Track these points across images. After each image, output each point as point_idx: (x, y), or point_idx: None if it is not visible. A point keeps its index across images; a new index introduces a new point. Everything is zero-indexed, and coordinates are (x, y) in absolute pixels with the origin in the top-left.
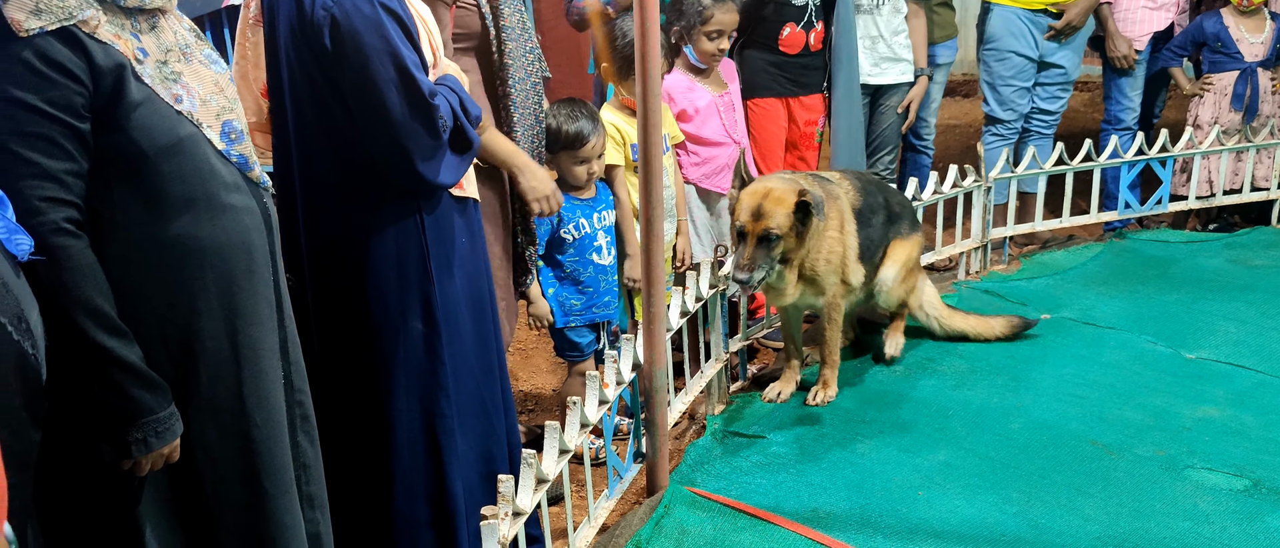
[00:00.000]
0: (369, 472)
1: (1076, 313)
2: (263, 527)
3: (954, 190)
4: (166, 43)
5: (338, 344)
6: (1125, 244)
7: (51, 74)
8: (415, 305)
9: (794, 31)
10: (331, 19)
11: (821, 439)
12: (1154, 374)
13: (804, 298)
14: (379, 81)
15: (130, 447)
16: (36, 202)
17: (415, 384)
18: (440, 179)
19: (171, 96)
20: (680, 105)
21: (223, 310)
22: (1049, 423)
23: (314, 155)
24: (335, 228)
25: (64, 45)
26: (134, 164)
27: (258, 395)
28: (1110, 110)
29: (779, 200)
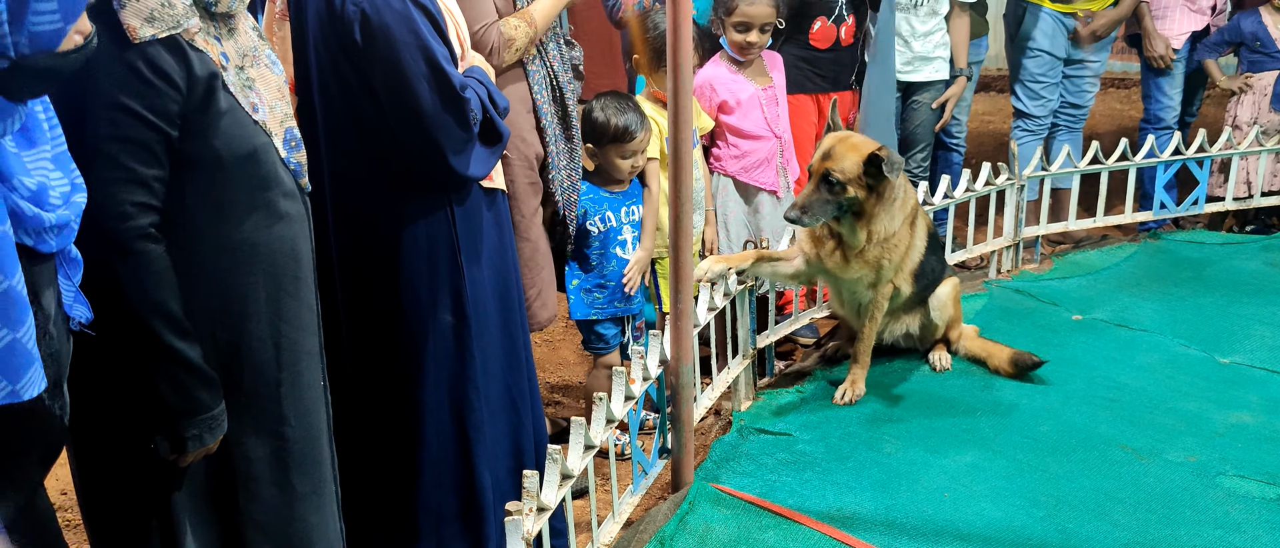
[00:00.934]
0: (397, 464)
1: (1109, 315)
2: (291, 523)
3: (986, 188)
4: (242, 46)
5: (367, 337)
6: (1160, 245)
7: (156, 82)
8: (445, 298)
9: (825, 26)
10: (362, 13)
11: (848, 438)
12: (1187, 378)
13: (859, 279)
14: (410, 75)
15: (186, 442)
16: (127, 206)
17: (444, 377)
18: (470, 172)
19: (249, 105)
20: (722, 96)
21: (269, 314)
22: (1078, 426)
23: (343, 150)
24: (365, 221)
25: (170, 53)
26: (211, 171)
27: (294, 397)
28: (1150, 109)
29: (853, 147)
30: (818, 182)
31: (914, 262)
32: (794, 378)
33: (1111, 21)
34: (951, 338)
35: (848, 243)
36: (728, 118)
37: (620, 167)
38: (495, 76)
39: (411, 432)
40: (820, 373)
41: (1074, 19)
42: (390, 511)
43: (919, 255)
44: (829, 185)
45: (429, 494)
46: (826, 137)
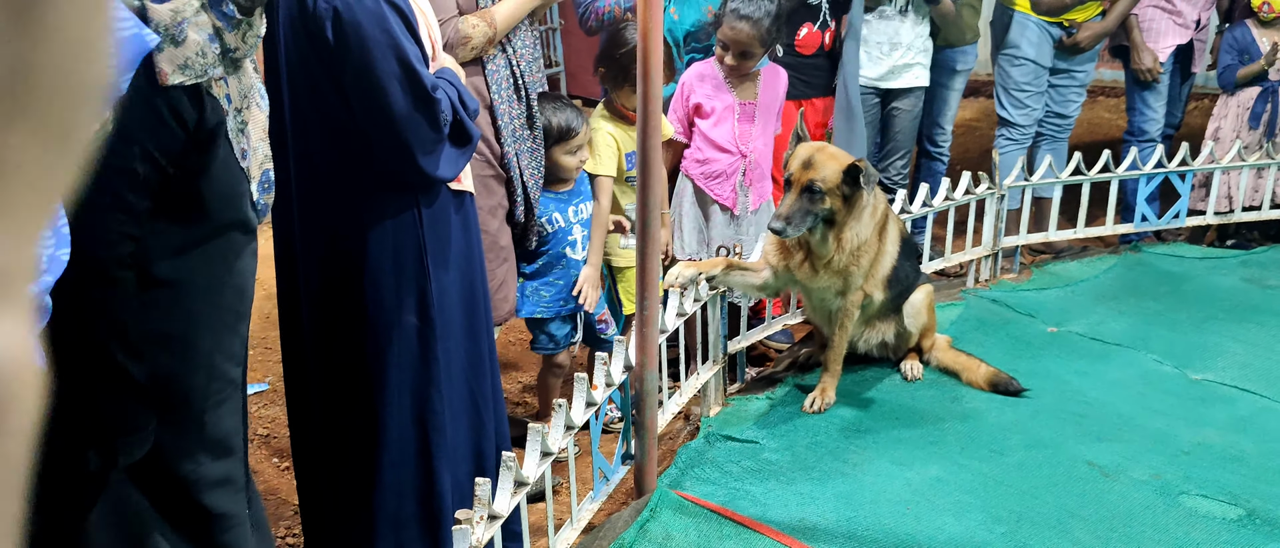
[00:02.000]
0: (357, 465)
1: (1084, 328)
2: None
3: (966, 197)
4: (243, 86)
5: (330, 337)
6: (1140, 257)
7: (172, 125)
8: (411, 300)
9: (811, 32)
10: (334, 11)
11: (815, 447)
12: (1157, 395)
13: (828, 288)
14: (381, 75)
15: (117, 455)
16: (115, 234)
17: (408, 380)
18: (440, 173)
19: (239, 151)
20: (698, 99)
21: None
22: (1046, 441)
23: (311, 149)
24: (331, 221)
25: (190, 100)
26: (188, 209)
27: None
28: (1134, 121)
29: (833, 157)
30: (799, 191)
31: (885, 269)
32: (765, 384)
33: (1097, 35)
34: (924, 347)
35: (817, 253)
36: (700, 122)
37: (567, 164)
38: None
39: (372, 433)
40: (792, 379)
41: (1061, 28)
42: (349, 512)
43: (891, 262)
44: (810, 195)
45: (388, 497)
46: (801, 147)
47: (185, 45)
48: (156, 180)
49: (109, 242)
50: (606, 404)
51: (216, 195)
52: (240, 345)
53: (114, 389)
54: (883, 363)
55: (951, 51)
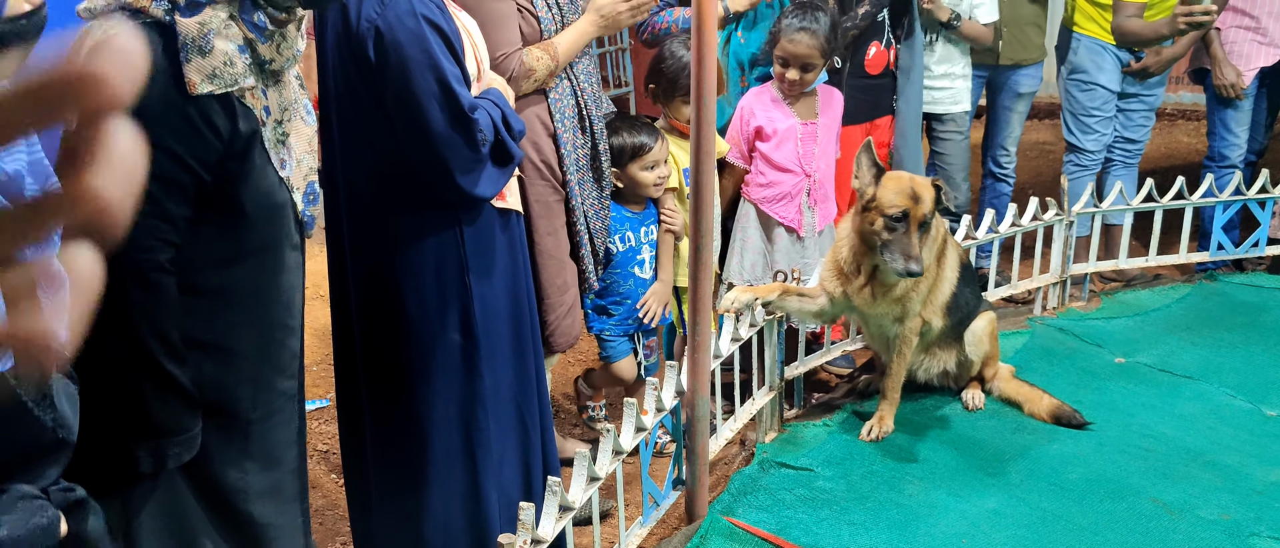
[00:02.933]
0: (404, 481)
1: (1154, 359)
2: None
3: (1034, 224)
4: (285, 99)
5: (378, 353)
6: (1215, 287)
7: (205, 132)
8: (454, 316)
9: (879, 51)
10: (376, 31)
11: (870, 476)
12: (1229, 431)
13: (886, 315)
14: (420, 94)
15: (167, 458)
16: (152, 240)
17: (453, 395)
18: (479, 191)
19: (278, 162)
20: (759, 122)
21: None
22: (1109, 476)
23: (357, 166)
24: (376, 238)
25: (222, 108)
26: (229, 218)
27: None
28: (1214, 146)
29: (925, 187)
30: (915, 227)
31: (945, 294)
32: (823, 410)
33: (1165, 61)
34: (986, 376)
35: (884, 280)
36: (762, 146)
37: (645, 180)
38: (514, 101)
39: (419, 448)
40: (850, 406)
41: (1129, 52)
42: (397, 527)
43: (950, 288)
44: (923, 229)
45: (436, 511)
46: (890, 178)
47: (212, 55)
48: (194, 187)
49: (147, 247)
50: (657, 429)
51: (257, 205)
52: (290, 358)
53: (160, 391)
54: (943, 392)
55: (1015, 72)
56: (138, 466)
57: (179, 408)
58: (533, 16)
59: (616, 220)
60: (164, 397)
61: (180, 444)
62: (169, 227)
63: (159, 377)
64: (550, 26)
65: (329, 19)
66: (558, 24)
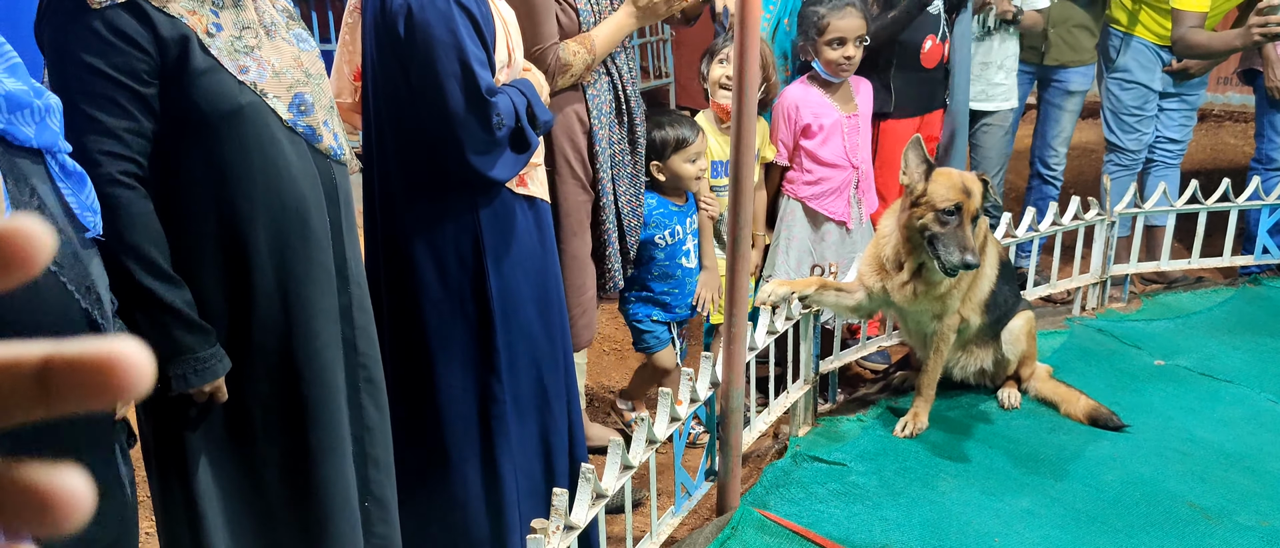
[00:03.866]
0: (423, 450)
1: (1194, 362)
2: (306, 475)
3: (1075, 223)
4: (246, 20)
5: (401, 332)
6: (1259, 291)
7: (117, 42)
8: (468, 291)
9: (934, 43)
10: (407, 9)
11: (903, 473)
12: (1270, 437)
13: (924, 311)
14: (441, 73)
15: (170, 381)
16: (96, 154)
17: (470, 368)
18: (494, 173)
19: (237, 68)
20: (806, 120)
21: (275, 270)
22: (1145, 478)
23: (387, 146)
24: (401, 213)
25: (131, 16)
26: (196, 128)
27: (307, 353)
28: (1262, 148)
29: (974, 181)
30: (967, 220)
31: (983, 292)
32: (857, 405)
33: (1207, 64)
34: (1023, 375)
35: (929, 277)
36: (807, 142)
37: (688, 172)
38: (549, 97)
39: (435, 426)
40: (884, 402)
41: (1170, 52)
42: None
43: (989, 285)
44: (974, 222)
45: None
46: (940, 173)
47: None
48: (131, 100)
49: (92, 162)
50: (691, 420)
51: (217, 110)
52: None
53: (146, 311)
54: (979, 390)
55: (1066, 72)
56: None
57: (172, 326)
58: (572, 9)
59: (663, 216)
60: (152, 315)
61: (184, 366)
62: (111, 139)
63: (141, 295)
64: (589, 19)
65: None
66: (596, 16)
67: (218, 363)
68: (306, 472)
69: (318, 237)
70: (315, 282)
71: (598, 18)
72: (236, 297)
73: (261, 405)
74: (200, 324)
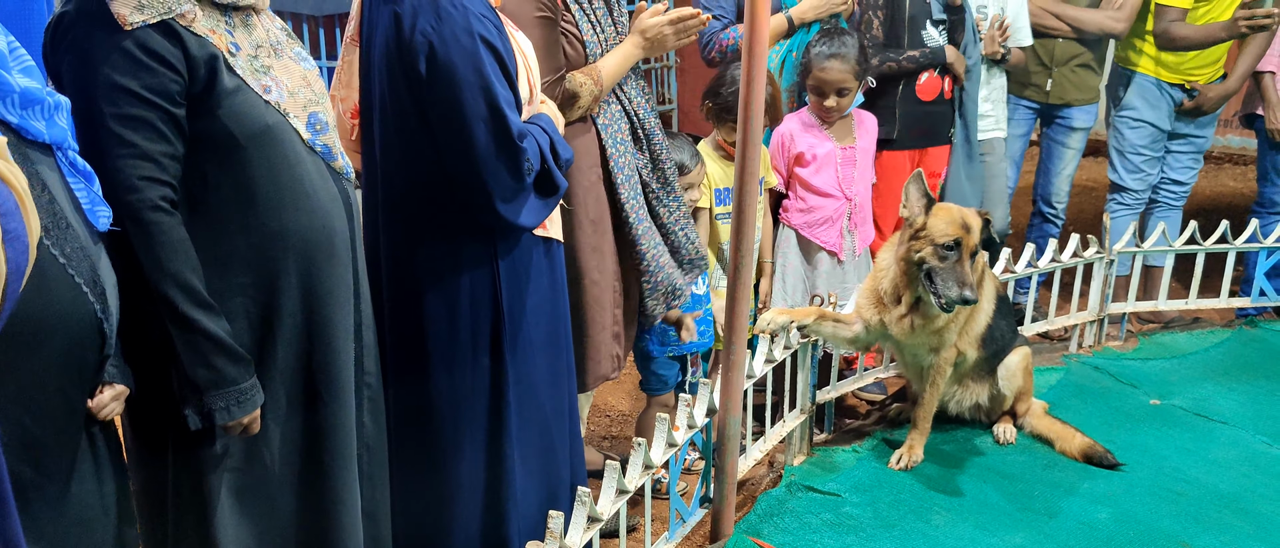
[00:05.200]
0: (429, 497)
1: (1189, 403)
2: (320, 496)
3: (1074, 260)
4: (258, 39)
5: (408, 367)
6: (1255, 333)
7: (150, 63)
8: (484, 342)
9: (931, 78)
10: (429, 45)
11: (898, 505)
12: (1264, 479)
13: (922, 344)
14: (468, 115)
15: (213, 414)
16: (135, 179)
17: (480, 419)
18: (521, 221)
19: (261, 87)
20: (799, 148)
21: (301, 291)
22: (1139, 518)
23: (397, 180)
24: (413, 254)
25: (163, 36)
26: (225, 150)
27: (327, 374)
28: (1264, 191)
29: (975, 217)
30: (966, 256)
31: (980, 326)
32: (853, 436)
33: (1220, 96)
34: (1019, 411)
35: (926, 311)
36: (801, 171)
37: None
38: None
39: (444, 470)
40: (880, 434)
41: (1182, 91)
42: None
43: (986, 319)
44: (973, 258)
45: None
46: (940, 208)
47: None
48: (166, 121)
49: (131, 187)
50: (687, 447)
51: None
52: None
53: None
54: (974, 425)
55: (1070, 110)
56: (186, 424)
57: (214, 357)
58: (578, 41)
59: None
60: (194, 345)
61: (226, 398)
62: (149, 164)
63: (182, 324)
64: (595, 50)
65: (379, 24)
66: (602, 47)
67: (257, 393)
68: (320, 492)
69: (341, 256)
70: (338, 301)
71: (603, 48)
72: (263, 319)
73: (280, 428)
74: (242, 354)
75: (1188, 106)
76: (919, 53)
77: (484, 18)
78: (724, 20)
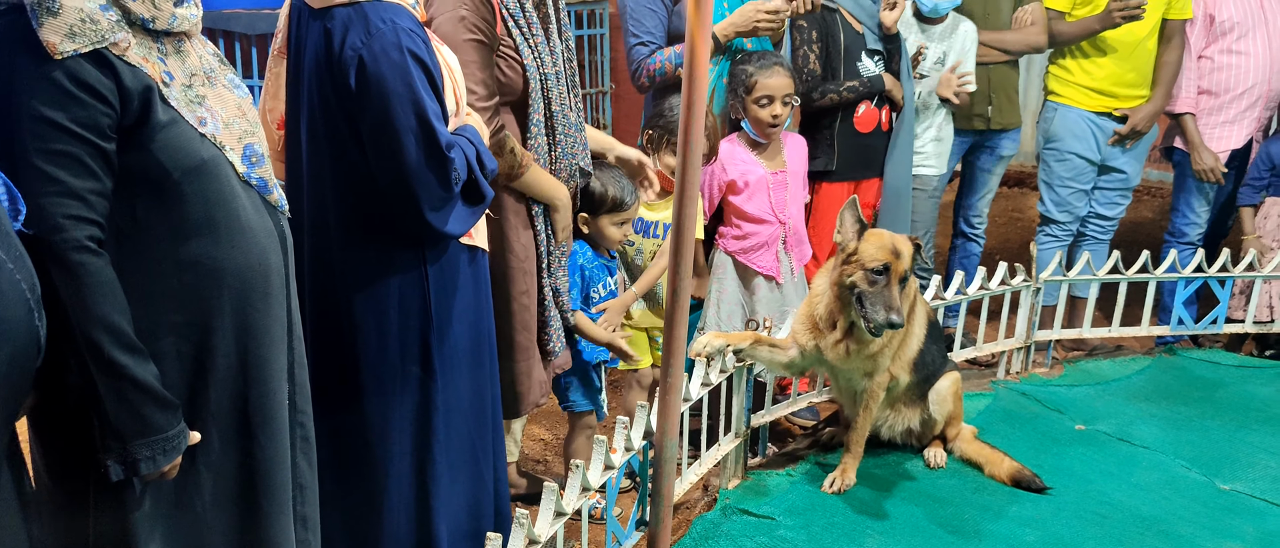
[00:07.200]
0: (356, 511)
1: (1113, 428)
2: (254, 540)
3: (1001, 288)
4: (191, 66)
5: (335, 383)
6: (1175, 361)
7: (81, 95)
8: (413, 351)
9: (869, 109)
10: (359, 59)
11: (831, 528)
12: (1183, 502)
13: (856, 369)
14: (398, 127)
15: (139, 463)
16: (60, 219)
17: (408, 429)
18: (448, 229)
19: (196, 119)
20: (732, 176)
21: (236, 330)
22: (1066, 540)
23: (325, 192)
24: (340, 266)
25: (95, 67)
26: (158, 185)
27: (263, 414)
28: (1176, 223)
29: (905, 244)
30: (895, 281)
31: (913, 350)
32: (786, 460)
33: (1150, 115)
34: (949, 436)
35: (861, 337)
36: (734, 199)
37: (613, 236)
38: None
39: (371, 481)
40: (813, 458)
41: (1110, 119)
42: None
43: (918, 343)
44: (902, 284)
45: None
46: (872, 234)
47: (63, 13)
48: (95, 157)
49: (56, 226)
50: (623, 471)
51: (180, 166)
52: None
53: (115, 386)
54: (906, 449)
55: (998, 136)
56: (108, 475)
57: (142, 404)
58: (517, 63)
59: (598, 270)
60: (121, 392)
61: (152, 447)
62: (76, 202)
63: (109, 370)
64: (534, 73)
65: (308, 38)
66: (541, 70)
67: (183, 439)
68: (254, 537)
69: (276, 294)
70: (272, 340)
71: (543, 72)
72: (196, 359)
73: (213, 472)
74: (170, 400)
75: (1123, 132)
76: (857, 83)
77: (412, 32)
78: (652, 45)
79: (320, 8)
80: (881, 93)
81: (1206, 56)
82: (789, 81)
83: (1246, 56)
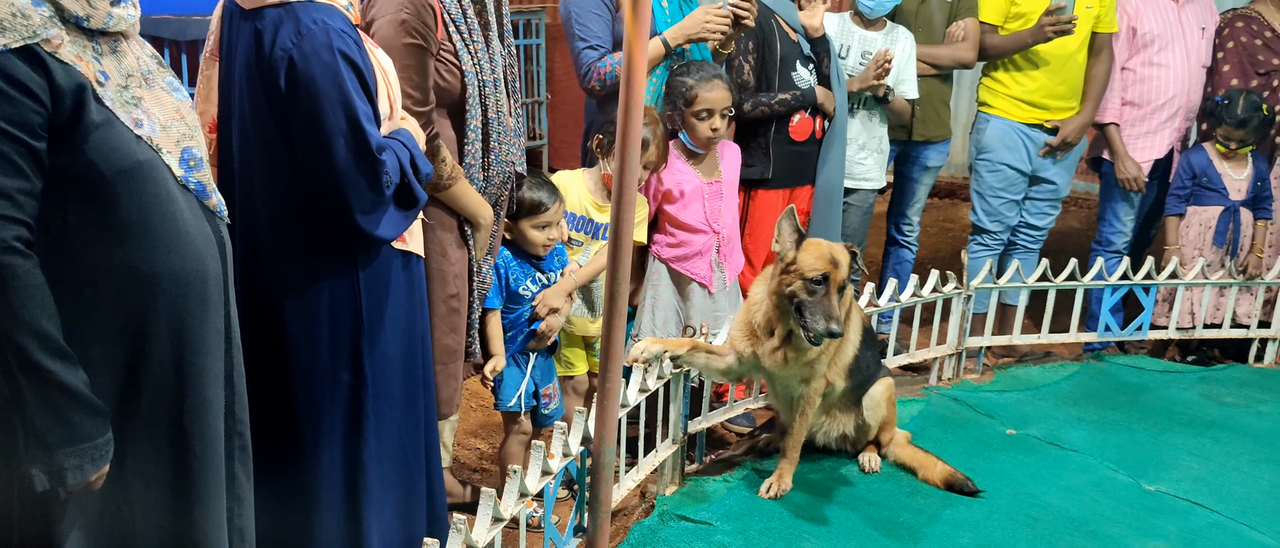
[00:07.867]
0: (288, 519)
1: (1042, 432)
2: None
3: (933, 295)
4: (128, 67)
5: (265, 387)
6: (1101, 367)
7: (10, 91)
8: (344, 357)
9: (804, 119)
10: (289, 60)
11: (768, 533)
12: (1110, 503)
13: (793, 376)
14: (328, 129)
15: (65, 473)
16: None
17: (339, 435)
18: (379, 232)
19: (132, 121)
20: (667, 185)
21: (171, 337)
22: (998, 542)
23: (256, 195)
24: (271, 270)
25: (25, 63)
26: (91, 186)
27: (198, 424)
28: (1102, 232)
29: (843, 253)
30: (834, 290)
31: (848, 357)
32: (723, 466)
33: (1080, 126)
34: (883, 441)
35: (799, 345)
36: (669, 207)
37: (535, 239)
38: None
39: (303, 487)
40: (750, 464)
41: (1041, 131)
42: None
43: (853, 350)
44: (840, 293)
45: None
46: (812, 245)
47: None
48: (24, 155)
49: None
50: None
51: (114, 168)
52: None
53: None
54: (841, 455)
55: (925, 147)
56: (31, 485)
57: (69, 411)
58: (456, 68)
59: (523, 273)
60: (47, 399)
61: (80, 455)
62: (5, 202)
63: (35, 375)
64: (473, 78)
65: (239, 40)
66: (480, 76)
67: (110, 447)
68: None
69: (214, 300)
70: (208, 348)
71: (481, 78)
72: (129, 365)
73: (144, 482)
74: (100, 406)
75: (1054, 144)
76: (790, 95)
77: (344, 34)
78: (600, 49)
79: (251, 9)
80: (814, 105)
81: (1129, 68)
82: (728, 95)
83: (1166, 68)
